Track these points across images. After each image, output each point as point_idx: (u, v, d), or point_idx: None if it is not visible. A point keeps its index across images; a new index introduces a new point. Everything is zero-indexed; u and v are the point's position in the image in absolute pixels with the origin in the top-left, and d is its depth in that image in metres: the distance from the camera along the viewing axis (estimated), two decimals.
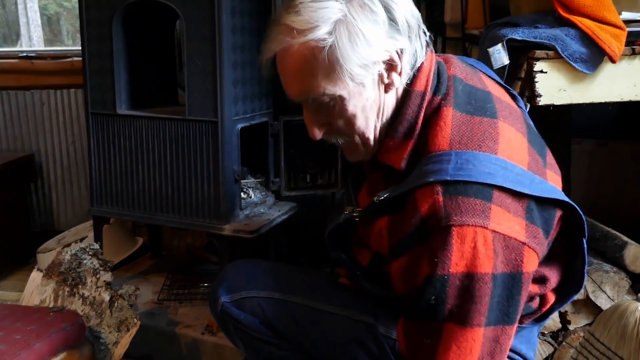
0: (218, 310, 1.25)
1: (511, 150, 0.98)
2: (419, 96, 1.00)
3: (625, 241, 1.73)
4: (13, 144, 2.91)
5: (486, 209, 0.91)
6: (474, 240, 0.90)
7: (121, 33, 1.95)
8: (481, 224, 0.90)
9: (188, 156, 1.87)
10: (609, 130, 2.49)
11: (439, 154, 0.95)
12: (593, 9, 1.51)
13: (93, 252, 1.76)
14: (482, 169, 0.92)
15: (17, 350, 1.39)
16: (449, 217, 0.90)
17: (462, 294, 0.90)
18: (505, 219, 0.92)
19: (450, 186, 0.91)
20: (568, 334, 1.70)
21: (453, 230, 0.90)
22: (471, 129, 0.97)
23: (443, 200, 0.91)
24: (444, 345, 0.91)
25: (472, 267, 0.90)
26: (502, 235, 0.91)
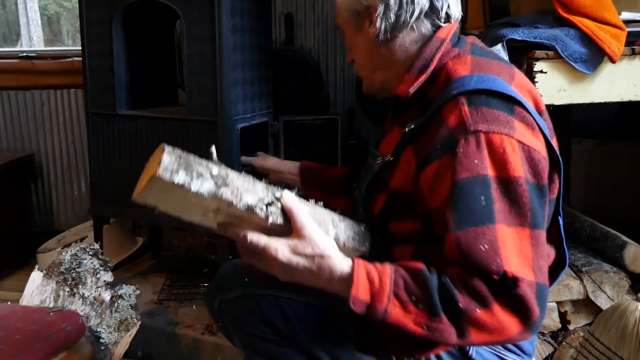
0: (215, 309, 1.25)
1: (526, 89, 1.07)
2: (439, 41, 1.12)
3: (625, 241, 1.73)
4: (13, 144, 2.91)
5: (510, 120, 0.97)
6: (502, 146, 0.95)
7: (121, 33, 1.95)
8: (507, 132, 0.96)
9: None
10: (609, 130, 2.49)
11: (462, 77, 1.04)
12: (593, 9, 1.51)
13: (93, 252, 1.76)
14: (505, 87, 1.00)
15: (17, 351, 1.39)
16: (477, 124, 0.96)
17: (505, 195, 0.93)
18: (528, 133, 0.98)
19: (474, 97, 0.99)
20: (568, 334, 1.70)
21: (481, 135, 0.95)
22: (490, 65, 1.07)
23: (469, 110, 0.97)
24: (502, 246, 0.90)
25: (505, 172, 0.94)
26: (528, 147, 0.97)
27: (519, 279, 0.88)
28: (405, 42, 1.14)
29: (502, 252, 0.90)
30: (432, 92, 1.09)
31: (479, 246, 0.90)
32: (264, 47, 2.02)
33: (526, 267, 0.90)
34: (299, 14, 2.76)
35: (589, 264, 1.73)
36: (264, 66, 2.02)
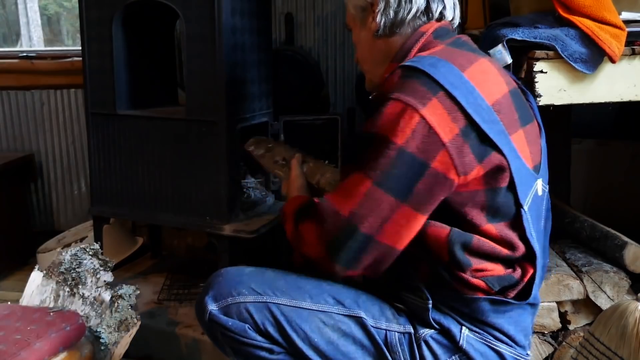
0: (206, 320, 1.24)
1: (483, 78, 1.12)
2: (420, 34, 1.23)
3: (625, 241, 1.73)
4: (13, 144, 2.92)
5: (427, 97, 1.06)
6: (398, 114, 1.06)
7: (121, 33, 1.95)
8: (413, 104, 1.06)
9: (188, 156, 1.87)
10: (609, 130, 2.49)
11: (422, 56, 1.15)
12: (593, 9, 1.51)
13: (93, 252, 1.76)
14: (448, 76, 1.08)
15: (17, 350, 1.39)
16: (393, 91, 1.09)
17: (373, 150, 1.08)
18: (442, 116, 1.06)
19: (409, 70, 1.10)
20: (568, 334, 1.70)
21: (389, 102, 1.08)
22: (456, 53, 1.16)
23: (397, 80, 1.11)
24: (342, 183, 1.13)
25: (387, 132, 1.07)
26: (429, 125, 1.05)
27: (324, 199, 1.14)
28: (402, 37, 1.25)
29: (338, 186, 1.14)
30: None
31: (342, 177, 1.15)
32: (264, 47, 2.02)
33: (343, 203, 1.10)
34: (299, 14, 2.77)
35: (589, 264, 1.73)
36: (264, 66, 2.02)
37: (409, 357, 1.16)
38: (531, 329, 1.25)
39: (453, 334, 1.16)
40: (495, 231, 1.13)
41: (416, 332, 1.17)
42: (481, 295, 1.14)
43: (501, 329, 1.17)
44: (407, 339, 1.17)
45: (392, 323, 1.18)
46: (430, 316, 1.16)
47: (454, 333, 1.16)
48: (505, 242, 1.14)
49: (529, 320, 1.22)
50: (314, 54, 2.77)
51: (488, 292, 1.14)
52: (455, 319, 1.16)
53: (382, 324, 1.18)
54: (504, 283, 1.15)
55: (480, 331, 1.16)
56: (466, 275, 1.13)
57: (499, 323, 1.16)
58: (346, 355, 1.17)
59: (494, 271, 1.14)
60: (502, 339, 1.17)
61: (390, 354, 1.17)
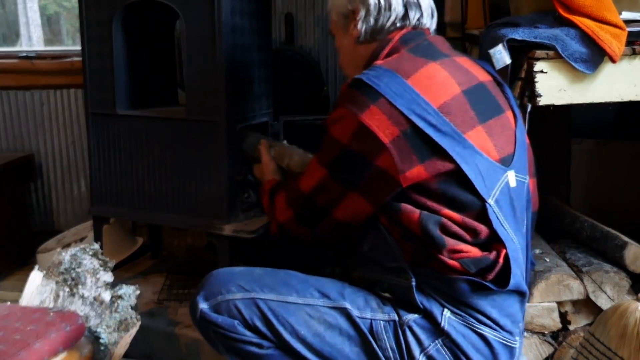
0: (197, 318, 1.29)
1: (429, 84, 1.20)
2: (388, 41, 1.32)
3: (625, 241, 1.73)
4: (13, 144, 2.92)
5: (366, 105, 1.18)
6: (341, 118, 1.22)
7: (121, 33, 1.95)
8: (353, 111, 1.19)
9: (188, 156, 1.87)
10: (609, 130, 2.49)
11: (376, 67, 1.25)
12: (593, 9, 1.51)
13: (93, 252, 1.75)
14: (390, 85, 1.18)
15: (17, 350, 1.39)
16: (339, 100, 1.24)
17: (325, 144, 1.27)
18: (381, 120, 1.17)
19: (355, 81, 1.21)
20: (568, 334, 1.70)
21: (338, 108, 1.23)
22: (407, 60, 1.25)
23: (345, 90, 1.24)
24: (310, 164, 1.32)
25: (333, 133, 1.24)
26: (368, 128, 1.17)
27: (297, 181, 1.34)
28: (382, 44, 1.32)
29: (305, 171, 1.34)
30: None
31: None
32: (264, 47, 2.02)
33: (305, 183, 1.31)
34: (299, 14, 2.77)
35: (589, 264, 1.73)
36: (264, 66, 2.02)
37: (394, 344, 1.20)
38: (521, 317, 1.26)
39: (435, 315, 1.18)
40: (459, 217, 1.19)
41: (400, 319, 1.20)
42: (460, 277, 1.17)
43: (483, 311, 1.18)
44: (392, 327, 1.20)
45: (376, 312, 1.22)
46: (415, 296, 1.19)
47: (436, 315, 1.18)
48: (468, 229, 1.19)
49: (516, 307, 1.23)
50: (314, 54, 2.77)
51: (465, 274, 1.17)
52: (437, 300, 1.19)
53: (367, 314, 1.22)
54: (480, 265, 1.18)
55: (462, 313, 1.18)
56: (443, 257, 1.17)
57: (481, 305, 1.18)
58: (333, 346, 1.21)
59: (469, 253, 1.18)
60: (485, 322, 1.19)
61: (375, 342, 1.20)
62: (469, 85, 1.25)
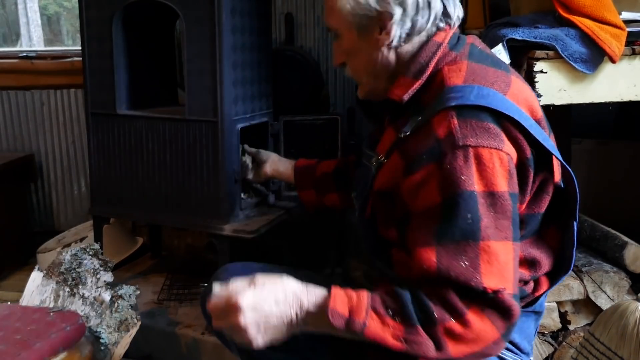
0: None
1: (523, 98, 1.06)
2: (435, 45, 1.10)
3: (625, 241, 1.73)
4: (13, 144, 2.91)
5: (499, 133, 0.98)
6: (491, 161, 0.96)
7: (121, 33, 1.95)
8: (496, 146, 0.97)
9: (188, 156, 1.87)
10: (609, 130, 2.49)
11: (460, 86, 1.02)
12: (593, 9, 1.51)
13: (93, 252, 1.76)
14: (499, 104, 0.99)
15: (17, 350, 1.39)
16: (466, 138, 0.96)
17: (492, 210, 0.95)
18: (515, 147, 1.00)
19: (465, 110, 0.98)
20: (568, 334, 1.70)
21: (470, 150, 0.96)
22: (485, 72, 1.06)
23: (458, 123, 0.97)
24: (485, 262, 0.92)
25: (492, 186, 0.95)
26: (513, 159, 0.99)
27: (499, 291, 0.91)
28: (414, 46, 1.12)
29: (482, 269, 0.92)
30: (426, 96, 1.09)
31: (459, 262, 0.92)
32: (264, 47, 2.02)
33: (507, 281, 0.93)
34: (299, 14, 2.76)
35: (589, 264, 1.73)
36: (264, 66, 2.02)
37: None
38: (534, 335, 1.23)
39: None
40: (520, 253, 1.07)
41: None
42: None
43: None
44: None
45: None
46: None
47: None
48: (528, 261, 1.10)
49: (532, 327, 1.20)
50: (314, 54, 2.77)
51: None
52: None
53: None
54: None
55: None
56: None
57: None
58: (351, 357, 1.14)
59: None
60: (508, 347, 1.15)
61: None
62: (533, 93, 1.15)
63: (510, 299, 0.92)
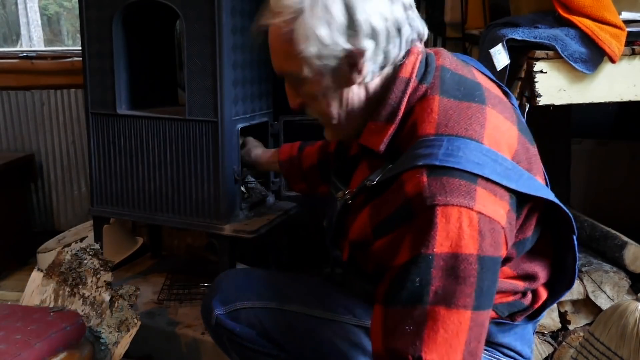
0: (212, 324, 1.21)
1: (499, 136, 0.98)
2: (403, 82, 1.02)
3: (625, 241, 1.73)
4: (13, 144, 2.91)
5: (471, 190, 0.90)
6: (459, 221, 0.88)
7: (121, 33, 1.95)
8: (466, 204, 0.88)
9: (188, 156, 1.87)
10: (609, 130, 2.49)
11: (431, 139, 0.94)
12: (593, 9, 1.51)
13: (93, 252, 1.76)
14: (472, 159, 0.91)
15: (17, 350, 1.39)
16: (434, 197, 0.88)
17: (447, 274, 0.88)
18: (491, 201, 0.91)
19: (437, 169, 0.90)
20: (568, 334, 1.70)
21: (437, 209, 0.88)
22: (459, 113, 0.97)
23: (428, 181, 0.89)
24: (430, 328, 0.87)
25: (456, 248, 0.88)
26: (488, 217, 0.90)
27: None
28: (380, 81, 1.04)
29: (425, 336, 0.87)
30: (399, 140, 1.02)
31: (404, 326, 0.88)
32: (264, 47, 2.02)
33: (452, 353, 0.87)
34: None
35: (589, 264, 1.73)
36: (264, 66, 2.02)
37: None
38: (533, 338, 1.23)
39: None
40: (511, 271, 1.06)
41: None
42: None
43: (509, 345, 1.14)
44: None
45: None
46: None
47: None
48: (522, 276, 1.08)
49: (531, 332, 1.21)
50: None
51: (496, 318, 1.11)
52: None
53: None
54: (512, 309, 1.11)
55: (489, 349, 1.14)
56: None
57: (507, 341, 1.14)
58: None
59: (501, 299, 1.09)
60: (510, 355, 1.15)
61: None
62: (511, 113, 1.06)
63: None
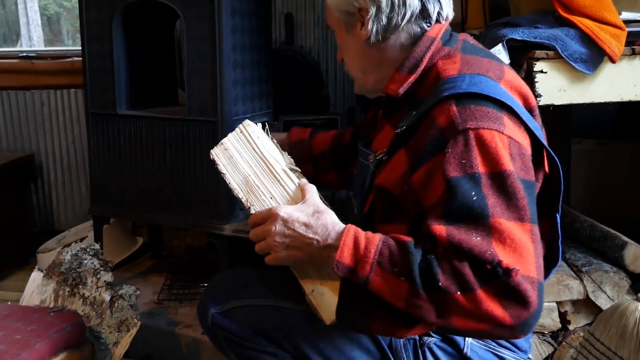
0: (208, 323, 1.22)
1: (515, 86, 1.06)
2: (429, 40, 1.12)
3: (625, 241, 1.73)
4: (13, 144, 2.91)
5: (499, 117, 0.97)
6: (493, 141, 0.94)
7: (121, 33, 1.95)
8: (497, 128, 0.96)
9: (188, 156, 1.87)
10: (609, 130, 2.49)
11: (453, 77, 1.03)
12: (593, 9, 1.51)
13: (93, 252, 1.76)
14: (493, 90, 0.99)
15: (17, 350, 1.39)
16: (465, 122, 0.96)
17: (499, 191, 0.92)
18: (517, 130, 0.99)
19: (463, 98, 0.98)
20: (568, 334, 1.70)
21: (470, 133, 0.95)
22: (479, 63, 1.07)
23: (457, 109, 0.97)
24: (497, 239, 0.89)
25: (497, 166, 0.93)
26: (518, 143, 0.97)
27: (513, 270, 0.87)
28: (396, 43, 1.14)
29: (495, 246, 0.88)
30: (421, 91, 1.10)
31: (471, 237, 0.89)
32: (264, 47, 2.02)
33: (525, 262, 0.88)
34: (299, 14, 2.77)
35: (589, 264, 1.73)
36: (264, 66, 2.02)
37: None
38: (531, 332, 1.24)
39: (457, 342, 1.14)
40: None
41: (420, 339, 1.15)
42: None
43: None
44: (411, 345, 1.15)
45: None
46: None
47: (458, 342, 1.14)
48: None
49: None
50: (314, 54, 2.77)
51: None
52: None
53: None
54: None
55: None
56: None
57: None
58: None
59: None
60: (505, 345, 1.16)
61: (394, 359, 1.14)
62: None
63: (525, 283, 0.86)
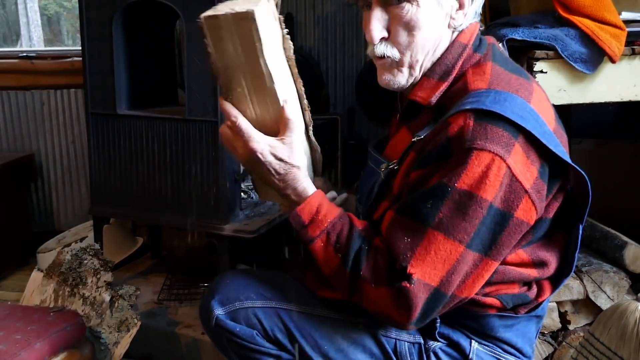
0: (212, 325, 1.21)
1: (543, 108, 1.04)
2: (461, 46, 1.09)
3: (625, 241, 1.73)
4: (13, 144, 2.91)
5: (510, 143, 0.96)
6: (488, 166, 0.95)
7: (121, 33, 1.95)
8: (501, 154, 0.95)
9: (188, 156, 1.87)
10: (609, 130, 2.49)
11: (479, 91, 1.01)
12: (593, 9, 1.51)
13: (94, 252, 1.76)
14: (517, 111, 0.97)
15: (17, 350, 1.39)
16: (474, 140, 0.95)
17: (456, 208, 0.96)
18: (523, 162, 0.97)
19: (482, 115, 0.96)
20: (568, 334, 1.70)
21: (473, 152, 0.95)
22: (509, 79, 1.05)
23: (473, 125, 0.96)
24: (423, 247, 0.98)
25: (475, 189, 0.95)
26: (513, 174, 0.96)
27: (414, 279, 0.97)
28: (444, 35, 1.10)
29: (417, 252, 0.98)
30: (447, 100, 1.07)
31: (403, 235, 0.99)
32: None
33: (434, 275, 0.98)
34: (299, 14, 2.77)
35: (589, 264, 1.73)
36: None
37: None
38: (535, 338, 1.23)
39: (463, 347, 1.14)
40: (527, 256, 1.09)
41: (426, 343, 1.15)
42: (492, 312, 1.12)
43: (509, 342, 1.16)
44: (416, 349, 1.15)
45: (401, 333, 1.15)
46: (437, 332, 1.14)
47: (464, 347, 1.14)
48: (536, 263, 1.10)
49: (534, 330, 1.21)
50: (314, 54, 2.77)
51: (500, 309, 1.12)
52: (464, 333, 1.15)
53: (392, 333, 1.15)
54: (517, 301, 1.12)
55: (489, 344, 1.15)
56: (477, 297, 1.08)
57: (508, 337, 1.15)
58: None
59: (508, 290, 1.11)
60: (511, 351, 1.16)
61: None
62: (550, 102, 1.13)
63: (420, 296, 0.97)
